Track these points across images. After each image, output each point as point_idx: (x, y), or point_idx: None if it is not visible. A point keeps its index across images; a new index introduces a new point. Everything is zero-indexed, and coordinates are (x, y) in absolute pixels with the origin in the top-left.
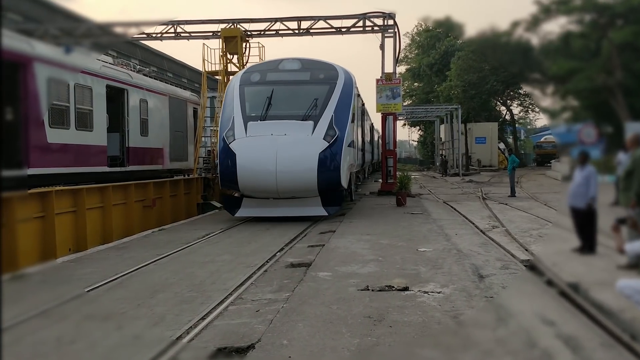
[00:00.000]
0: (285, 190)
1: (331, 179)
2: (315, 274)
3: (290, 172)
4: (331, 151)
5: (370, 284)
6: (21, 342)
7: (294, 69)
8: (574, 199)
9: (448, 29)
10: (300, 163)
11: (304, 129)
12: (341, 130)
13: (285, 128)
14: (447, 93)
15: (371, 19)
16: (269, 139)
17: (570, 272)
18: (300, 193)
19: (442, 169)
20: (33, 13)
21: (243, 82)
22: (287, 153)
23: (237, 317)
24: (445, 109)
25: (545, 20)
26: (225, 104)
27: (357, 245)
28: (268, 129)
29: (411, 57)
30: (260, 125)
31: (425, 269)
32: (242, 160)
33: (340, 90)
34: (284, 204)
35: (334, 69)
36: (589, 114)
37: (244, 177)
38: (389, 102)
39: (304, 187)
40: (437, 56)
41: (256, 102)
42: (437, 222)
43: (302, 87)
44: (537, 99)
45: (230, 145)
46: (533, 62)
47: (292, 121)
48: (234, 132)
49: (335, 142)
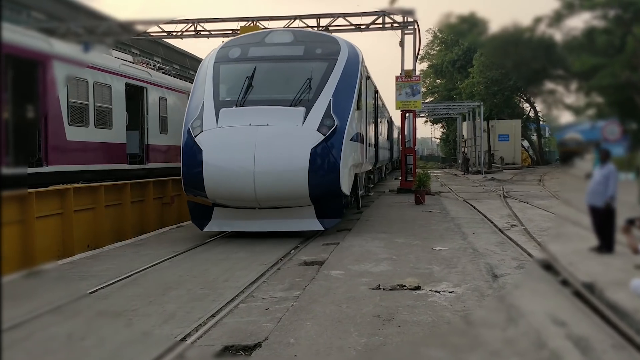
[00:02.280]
0: (266, 198)
1: (328, 183)
2: (328, 272)
3: (272, 174)
4: (328, 146)
5: (382, 283)
6: (32, 338)
7: (284, 42)
8: (593, 197)
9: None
10: (287, 162)
11: (292, 117)
12: (342, 119)
13: (268, 116)
14: (469, 90)
15: (391, 16)
16: (246, 131)
17: (586, 272)
18: (287, 201)
19: (464, 167)
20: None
21: (219, 58)
22: (269, 149)
23: (247, 315)
24: (467, 106)
25: (569, 15)
26: (195, 86)
27: (372, 244)
28: (246, 118)
29: (433, 54)
30: (236, 113)
31: (439, 268)
32: (210, 157)
33: (343, 68)
34: (267, 216)
35: (335, 42)
36: (613, 110)
37: (213, 180)
38: (409, 100)
39: (291, 194)
40: (460, 52)
41: (233, 84)
42: (455, 221)
43: (293, 64)
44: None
45: (196, 139)
46: (556, 59)
47: (278, 107)
48: (202, 121)
49: (334, 134)
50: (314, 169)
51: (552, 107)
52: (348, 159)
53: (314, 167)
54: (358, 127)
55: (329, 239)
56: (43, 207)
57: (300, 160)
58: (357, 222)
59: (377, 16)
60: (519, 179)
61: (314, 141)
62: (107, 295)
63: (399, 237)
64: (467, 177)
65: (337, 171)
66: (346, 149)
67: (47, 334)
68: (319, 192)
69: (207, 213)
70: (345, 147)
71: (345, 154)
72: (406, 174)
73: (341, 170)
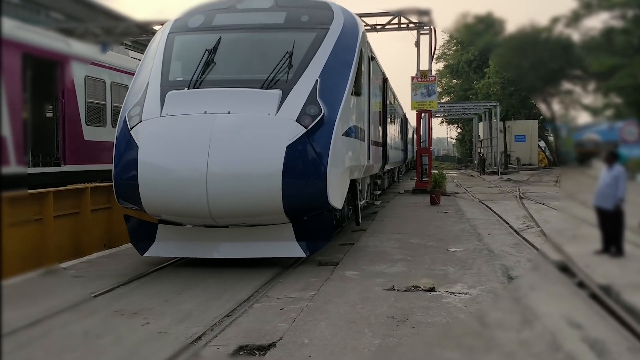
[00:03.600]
0: (224, 213)
1: (310, 193)
2: (343, 272)
3: (233, 180)
4: (311, 142)
5: (397, 284)
6: (49, 336)
7: (261, 7)
8: (601, 199)
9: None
10: (253, 163)
11: (263, 102)
12: (331, 106)
13: (231, 101)
14: (485, 90)
15: (406, 16)
16: (198, 120)
17: (603, 274)
18: (253, 218)
19: (480, 167)
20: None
21: (176, 28)
22: (229, 145)
23: (262, 315)
24: (483, 106)
25: (587, 15)
26: (141, 65)
27: (387, 244)
28: (200, 103)
29: (450, 54)
30: (188, 97)
31: (454, 269)
32: (148, 156)
33: (335, 41)
34: (231, 236)
35: (326, 8)
36: (631, 111)
37: (151, 187)
38: (424, 100)
39: (259, 208)
40: (476, 53)
41: (190, 60)
42: (470, 222)
43: (270, 34)
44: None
45: (133, 132)
46: (574, 59)
47: (245, 90)
48: (143, 108)
49: (320, 126)
50: (290, 174)
51: (569, 107)
52: (340, 160)
53: (290, 171)
54: (356, 119)
55: (344, 239)
56: (60, 206)
57: (271, 161)
58: (372, 223)
59: (393, 16)
60: (536, 180)
61: (292, 135)
62: (124, 294)
63: (414, 238)
64: (483, 178)
65: (322, 176)
66: (337, 146)
67: (64, 332)
68: (297, 205)
69: (151, 231)
70: (336, 143)
71: (336, 152)
72: (422, 175)
73: (329, 175)
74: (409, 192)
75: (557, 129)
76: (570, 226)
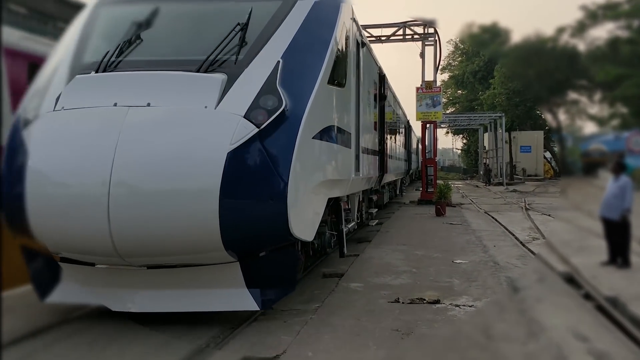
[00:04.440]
0: (135, 248)
1: (263, 219)
2: (347, 284)
3: (146, 199)
4: (265, 147)
5: (402, 296)
6: (56, 346)
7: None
8: (607, 209)
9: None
10: (177, 176)
11: (198, 91)
12: (298, 97)
13: (153, 89)
14: (490, 101)
15: (411, 27)
16: (103, 116)
17: (609, 286)
18: (178, 256)
19: (486, 178)
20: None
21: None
22: (144, 150)
23: (265, 328)
24: (489, 117)
25: (592, 26)
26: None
27: (392, 256)
28: (110, 92)
29: (455, 65)
30: (95, 84)
31: (459, 281)
32: (38, 164)
33: (308, 12)
34: (150, 282)
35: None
36: (637, 121)
37: (40, 208)
38: (429, 110)
39: (187, 241)
40: (481, 63)
41: (115, 37)
42: (476, 233)
43: (221, 4)
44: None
45: (25, 132)
46: (580, 69)
47: (173, 74)
48: (43, 100)
49: (280, 124)
50: (232, 192)
51: (575, 117)
52: (308, 172)
53: (232, 188)
54: (337, 118)
55: (349, 250)
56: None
57: (204, 173)
58: (376, 234)
59: (398, 27)
60: (541, 190)
61: (237, 137)
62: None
63: (419, 250)
64: (488, 189)
65: (281, 195)
66: (304, 153)
67: (71, 342)
68: (243, 237)
69: (51, 273)
70: (303, 148)
71: (303, 161)
72: (427, 185)
73: (292, 193)
74: (414, 202)
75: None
76: (576, 237)
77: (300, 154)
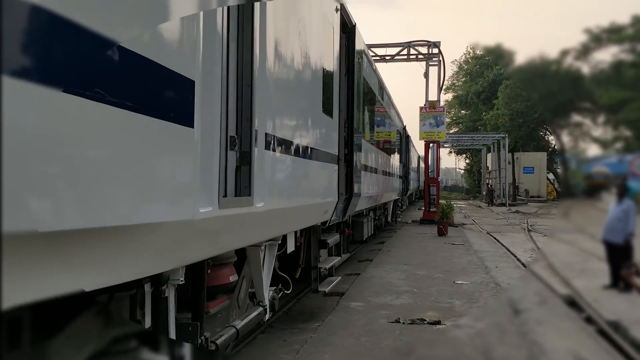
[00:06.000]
0: None
1: None
2: (348, 304)
3: None
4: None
5: (402, 316)
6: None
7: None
8: (610, 233)
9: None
10: None
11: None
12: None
13: None
14: (494, 121)
15: (416, 47)
16: None
17: (611, 309)
18: None
19: (488, 199)
20: None
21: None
22: None
23: (265, 346)
24: (492, 137)
25: (596, 49)
26: None
27: (393, 275)
28: None
29: (459, 85)
30: None
31: (460, 302)
32: None
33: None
34: None
35: None
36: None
37: None
38: (433, 130)
39: None
40: (485, 84)
41: None
42: (477, 254)
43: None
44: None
45: None
46: (583, 91)
47: None
48: None
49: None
50: None
51: (579, 139)
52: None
53: None
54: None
55: (350, 269)
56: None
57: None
58: (378, 253)
59: (403, 47)
60: (544, 212)
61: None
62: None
63: (421, 270)
64: (491, 209)
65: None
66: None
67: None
68: None
69: None
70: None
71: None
72: (429, 205)
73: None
74: (416, 222)
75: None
76: (578, 259)
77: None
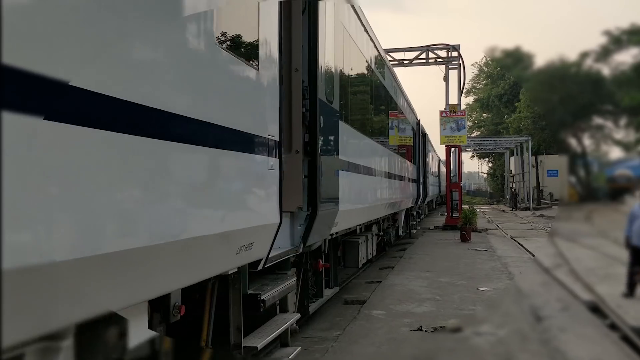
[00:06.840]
0: None
1: None
2: (369, 312)
3: None
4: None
5: (424, 324)
6: None
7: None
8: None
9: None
10: None
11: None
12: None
13: None
14: (516, 124)
15: (435, 51)
16: None
17: (635, 316)
18: None
19: (512, 203)
20: None
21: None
22: None
23: (286, 355)
24: (515, 140)
25: (616, 51)
26: None
27: (415, 283)
28: None
29: (479, 88)
30: None
31: (482, 309)
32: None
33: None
34: None
35: None
36: None
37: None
38: (454, 134)
39: None
40: (507, 87)
41: None
42: (501, 260)
43: None
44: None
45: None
46: (604, 94)
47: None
48: None
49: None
50: None
51: (600, 142)
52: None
53: None
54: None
55: (371, 277)
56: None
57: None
58: (400, 260)
59: (421, 51)
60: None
61: None
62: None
63: (444, 277)
64: (515, 214)
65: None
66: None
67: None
68: None
69: None
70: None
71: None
72: (452, 210)
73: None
74: (438, 228)
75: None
76: (602, 265)
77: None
